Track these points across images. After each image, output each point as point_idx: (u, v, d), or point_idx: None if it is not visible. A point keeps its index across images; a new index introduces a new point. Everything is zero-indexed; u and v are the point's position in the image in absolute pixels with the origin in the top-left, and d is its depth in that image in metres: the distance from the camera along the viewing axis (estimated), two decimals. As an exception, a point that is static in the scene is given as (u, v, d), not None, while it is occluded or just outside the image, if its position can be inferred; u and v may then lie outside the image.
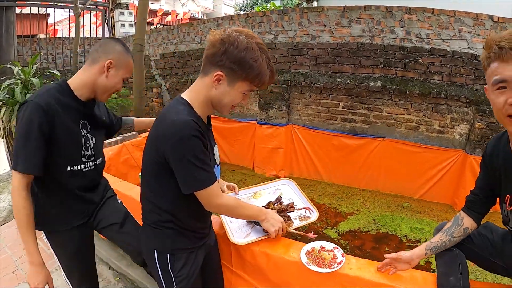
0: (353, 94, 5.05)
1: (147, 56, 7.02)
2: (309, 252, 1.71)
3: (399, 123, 4.94)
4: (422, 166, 4.78)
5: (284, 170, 5.48)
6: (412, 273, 1.67)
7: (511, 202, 1.30)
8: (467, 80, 4.62)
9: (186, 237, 1.50)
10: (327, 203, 4.64)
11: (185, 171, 1.29)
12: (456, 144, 4.74)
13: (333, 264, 1.63)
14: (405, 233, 3.99)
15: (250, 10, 16.37)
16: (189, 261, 1.53)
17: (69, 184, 1.63)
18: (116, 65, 1.61)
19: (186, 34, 6.55)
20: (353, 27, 5.02)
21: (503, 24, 4.44)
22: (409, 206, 4.62)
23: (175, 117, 1.27)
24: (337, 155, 5.18)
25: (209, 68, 1.30)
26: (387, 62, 4.91)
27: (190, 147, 1.25)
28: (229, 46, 1.24)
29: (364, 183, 5.14)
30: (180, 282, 1.51)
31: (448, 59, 4.65)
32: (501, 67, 1.07)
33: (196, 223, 1.52)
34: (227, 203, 1.47)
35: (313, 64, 5.29)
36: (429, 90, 4.67)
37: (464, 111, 4.64)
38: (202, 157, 1.29)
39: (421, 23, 4.73)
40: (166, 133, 1.27)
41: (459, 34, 4.60)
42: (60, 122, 1.50)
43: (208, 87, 1.32)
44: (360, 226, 4.09)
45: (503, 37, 1.06)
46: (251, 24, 5.71)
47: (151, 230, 1.50)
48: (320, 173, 5.38)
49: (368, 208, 4.56)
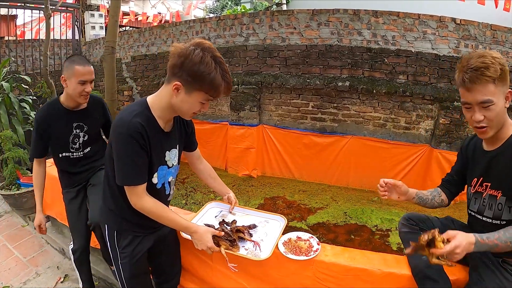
0: (322, 94, 5.18)
1: (118, 58, 6.93)
2: (286, 242, 1.79)
3: (367, 121, 5.10)
4: (390, 161, 4.96)
5: (256, 170, 5.53)
6: (385, 256, 1.78)
7: (481, 183, 1.51)
8: (431, 79, 4.84)
9: (129, 223, 1.65)
10: (297, 200, 4.72)
11: (118, 164, 1.46)
12: (422, 139, 4.94)
13: (309, 252, 1.71)
14: (376, 223, 4.12)
15: (220, 13, 16.40)
16: (134, 242, 1.68)
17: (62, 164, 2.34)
18: (68, 77, 2.10)
19: (157, 37, 6.53)
20: (322, 30, 5.16)
21: (465, 26, 4.69)
22: (378, 200, 4.76)
23: (124, 116, 1.43)
24: (308, 153, 5.29)
25: (170, 77, 1.42)
26: (354, 63, 5.06)
27: (125, 145, 1.41)
28: (185, 59, 1.34)
29: (335, 179, 5.26)
30: (124, 258, 1.68)
31: (413, 59, 4.86)
32: (465, 93, 1.36)
33: (136, 217, 1.60)
34: (149, 208, 1.52)
35: (283, 66, 5.39)
36: (395, 89, 4.85)
37: (428, 108, 4.84)
38: (133, 157, 1.42)
39: (387, 26, 4.92)
40: (113, 127, 1.46)
41: (423, 36, 4.82)
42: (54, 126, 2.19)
43: (170, 94, 1.43)
44: (329, 219, 4.18)
45: (468, 68, 1.31)
46: (223, 27, 5.77)
47: (103, 207, 1.70)
48: (291, 171, 5.47)
49: (337, 203, 4.67)
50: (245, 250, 1.73)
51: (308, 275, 1.73)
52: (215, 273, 1.98)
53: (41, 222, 2.32)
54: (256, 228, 1.92)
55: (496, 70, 1.28)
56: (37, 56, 7.60)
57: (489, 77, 1.28)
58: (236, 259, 1.70)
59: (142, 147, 1.43)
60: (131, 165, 1.43)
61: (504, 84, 1.33)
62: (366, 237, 3.86)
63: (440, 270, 1.56)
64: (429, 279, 1.52)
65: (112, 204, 1.63)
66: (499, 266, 1.44)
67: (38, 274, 2.83)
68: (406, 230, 1.75)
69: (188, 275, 2.13)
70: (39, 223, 2.31)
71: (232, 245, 1.68)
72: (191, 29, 6.11)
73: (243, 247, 1.74)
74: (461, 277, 1.61)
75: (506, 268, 1.43)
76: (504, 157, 1.39)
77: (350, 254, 1.76)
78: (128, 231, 1.67)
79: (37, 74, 7.26)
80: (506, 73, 1.32)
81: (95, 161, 2.42)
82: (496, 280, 1.41)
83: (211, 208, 2.16)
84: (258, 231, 1.90)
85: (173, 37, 6.32)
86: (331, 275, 1.69)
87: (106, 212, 1.68)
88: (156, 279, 2.01)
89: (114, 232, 1.67)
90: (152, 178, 1.57)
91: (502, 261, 1.44)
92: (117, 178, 1.48)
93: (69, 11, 8.16)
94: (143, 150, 1.44)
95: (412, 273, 1.60)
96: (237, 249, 1.70)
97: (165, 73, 5.25)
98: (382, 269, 1.64)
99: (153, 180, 1.58)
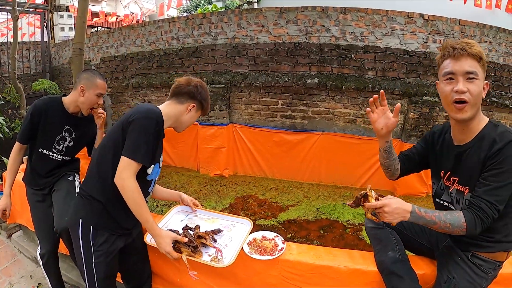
0: (291, 91, 5.18)
1: (87, 60, 6.81)
2: (251, 242, 1.78)
3: (337, 117, 5.12)
4: (361, 156, 4.98)
5: (228, 169, 5.49)
6: (351, 253, 1.78)
7: (449, 177, 1.49)
8: (399, 74, 4.89)
9: (109, 220, 1.68)
10: (268, 198, 4.70)
11: (134, 137, 1.55)
12: (392, 134, 4.94)
13: (274, 251, 1.71)
14: (348, 218, 4.14)
15: (193, 12, 16.27)
16: (109, 240, 1.69)
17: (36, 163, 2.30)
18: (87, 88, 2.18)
19: (126, 37, 6.42)
20: (290, 27, 5.15)
21: (433, 21, 4.76)
22: (350, 195, 4.78)
23: (151, 107, 1.64)
24: (279, 151, 5.27)
25: (186, 99, 1.79)
26: (323, 60, 5.07)
27: (150, 126, 1.57)
28: (200, 88, 1.81)
29: (307, 176, 5.26)
30: (99, 256, 1.67)
31: (381, 55, 4.90)
32: (452, 62, 1.33)
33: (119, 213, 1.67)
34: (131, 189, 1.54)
35: (252, 64, 5.36)
36: (364, 85, 4.88)
37: (398, 103, 4.86)
38: (151, 139, 1.58)
39: (355, 22, 4.95)
40: (140, 110, 1.60)
41: (392, 32, 4.86)
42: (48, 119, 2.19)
43: (181, 112, 1.79)
44: (300, 216, 4.18)
45: (457, 42, 1.33)
46: (191, 26, 5.70)
47: (82, 200, 1.70)
48: (263, 169, 5.45)
49: (309, 199, 4.68)
50: (208, 256, 1.71)
51: (273, 275, 1.73)
52: (183, 275, 1.97)
53: (6, 206, 2.25)
54: (221, 232, 1.92)
55: (481, 51, 1.31)
56: (5, 59, 7.37)
57: (476, 53, 1.30)
58: (200, 264, 1.69)
59: (160, 138, 1.67)
60: (147, 144, 1.57)
61: (484, 71, 1.35)
62: (338, 232, 3.87)
63: (407, 266, 1.55)
64: (394, 275, 1.51)
65: (101, 195, 1.66)
66: (468, 261, 1.43)
67: (12, 284, 2.79)
68: (371, 225, 1.74)
69: (158, 279, 2.14)
70: (4, 207, 2.24)
71: (194, 251, 1.66)
72: (160, 29, 6.02)
73: (206, 253, 1.72)
74: (428, 272, 1.62)
75: (475, 263, 1.42)
76: (472, 154, 1.37)
77: (316, 252, 1.76)
78: (105, 228, 1.68)
79: (5, 78, 7.06)
80: (485, 63, 1.35)
81: (66, 172, 2.41)
82: (467, 277, 1.41)
83: (177, 212, 2.13)
84: (223, 236, 1.89)
85: (142, 37, 6.21)
86: (297, 274, 1.70)
87: (85, 206, 1.68)
88: (127, 284, 2.03)
89: (90, 227, 1.66)
90: (148, 169, 1.69)
91: (471, 256, 1.44)
92: (126, 149, 1.55)
93: (37, 13, 7.97)
94: (159, 140, 1.68)
95: (378, 269, 1.60)
96: (200, 255, 1.68)
97: (135, 74, 5.20)
98: (348, 266, 1.65)
99: (148, 171, 1.70)
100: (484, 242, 1.40)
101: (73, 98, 2.24)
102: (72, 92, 2.26)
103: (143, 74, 6.21)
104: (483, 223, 1.28)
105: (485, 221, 1.28)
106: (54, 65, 7.99)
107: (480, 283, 1.41)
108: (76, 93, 2.21)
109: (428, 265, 1.66)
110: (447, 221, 1.29)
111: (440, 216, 1.30)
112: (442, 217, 1.30)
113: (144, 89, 6.07)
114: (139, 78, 6.17)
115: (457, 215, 1.31)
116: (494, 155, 1.28)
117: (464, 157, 1.41)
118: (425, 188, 4.83)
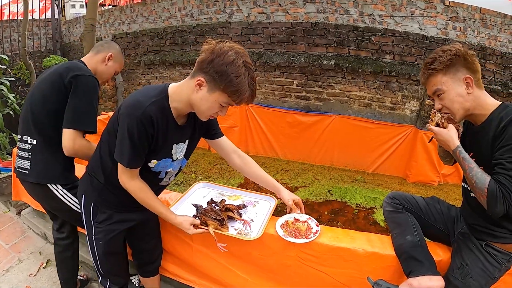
0: (306, 72, 5.07)
1: (99, 37, 6.71)
2: (284, 225, 1.72)
3: (352, 100, 5.02)
4: (375, 141, 4.90)
5: (240, 148, 5.38)
6: (368, 236, 1.73)
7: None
8: (417, 59, 4.78)
9: (111, 198, 1.60)
10: (280, 179, 4.62)
11: (120, 141, 1.40)
12: (407, 120, 4.89)
13: (309, 234, 1.65)
14: (359, 202, 4.07)
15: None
16: (111, 219, 1.62)
17: None
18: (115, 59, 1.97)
19: (139, 14, 6.33)
20: (307, 7, 5.04)
21: (454, 8, 4.64)
22: (361, 179, 4.70)
23: (141, 99, 1.37)
24: (292, 132, 5.19)
25: (196, 72, 1.36)
26: (340, 41, 4.96)
27: (133, 127, 1.34)
28: (216, 56, 1.28)
29: (319, 159, 5.19)
30: (99, 233, 1.64)
31: (399, 39, 4.78)
32: (425, 88, 1.51)
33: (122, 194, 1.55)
34: (134, 191, 1.51)
35: (268, 43, 5.26)
36: (381, 69, 4.77)
37: (414, 89, 4.78)
38: (137, 141, 1.36)
39: (375, 5, 4.83)
40: (127, 105, 1.38)
41: (411, 16, 4.74)
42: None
43: (191, 89, 1.37)
44: (309, 197, 4.12)
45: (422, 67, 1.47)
46: (206, 3, 5.60)
47: (87, 176, 1.64)
48: (275, 150, 5.38)
49: (320, 181, 4.60)
50: (234, 230, 1.69)
51: (290, 255, 1.70)
52: (195, 254, 1.98)
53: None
54: (246, 208, 1.89)
55: (442, 61, 1.38)
56: (15, 37, 7.30)
57: (434, 69, 1.39)
58: (223, 239, 1.66)
59: (148, 136, 1.38)
60: (132, 148, 1.38)
61: (458, 70, 1.38)
62: (349, 215, 3.81)
63: (425, 250, 1.53)
64: (413, 260, 1.49)
65: (101, 176, 1.57)
66: (482, 249, 1.43)
67: (21, 261, 2.75)
68: (390, 209, 1.71)
69: (169, 257, 2.13)
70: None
71: (221, 224, 1.64)
72: (173, 6, 5.93)
73: (232, 227, 1.70)
74: (445, 259, 1.59)
75: (489, 252, 1.41)
76: (484, 133, 1.38)
77: (333, 234, 1.71)
78: (107, 206, 1.62)
79: (15, 56, 7.01)
80: (461, 59, 1.38)
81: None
82: (480, 265, 1.41)
83: (199, 188, 2.12)
84: (248, 211, 1.86)
85: (155, 14, 6.13)
86: (314, 255, 1.66)
87: (87, 182, 1.63)
88: (138, 261, 2.00)
89: (91, 204, 1.61)
90: (149, 163, 1.50)
91: (485, 245, 1.43)
92: (117, 153, 1.44)
93: (48, -11, 7.90)
94: (148, 138, 1.39)
95: (396, 253, 1.57)
96: (226, 228, 1.65)
97: (147, 51, 5.14)
98: (366, 249, 1.61)
99: (150, 165, 1.51)
100: (498, 232, 1.39)
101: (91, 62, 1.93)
102: (91, 56, 1.96)
103: (155, 51, 6.13)
104: (505, 199, 1.24)
105: (507, 196, 1.23)
106: (64, 42, 7.93)
107: (492, 273, 1.41)
108: (98, 58, 1.94)
109: (445, 251, 1.63)
110: (474, 177, 1.30)
111: (472, 169, 1.32)
112: (473, 171, 1.31)
113: (156, 66, 5.99)
114: (152, 55, 6.10)
115: (485, 177, 1.28)
116: (500, 133, 1.29)
117: (478, 137, 1.43)
118: (437, 177, 4.76)
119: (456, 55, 1.37)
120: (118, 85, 6.64)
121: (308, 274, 1.70)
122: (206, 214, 1.66)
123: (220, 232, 1.61)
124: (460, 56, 1.38)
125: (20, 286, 2.48)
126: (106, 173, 1.55)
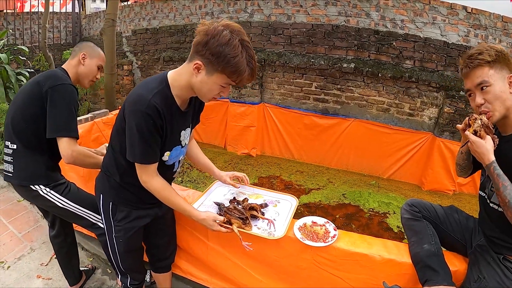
0: (326, 74, 5.05)
1: (119, 32, 6.78)
2: (302, 228, 1.73)
3: (371, 105, 4.99)
4: (391, 146, 4.86)
5: (255, 149, 5.43)
6: (385, 242, 1.72)
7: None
8: (438, 66, 4.72)
9: (129, 196, 1.61)
10: (294, 181, 4.64)
11: (130, 139, 1.40)
12: (425, 127, 4.85)
13: (327, 238, 1.66)
14: (373, 207, 4.05)
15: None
16: (130, 216, 1.64)
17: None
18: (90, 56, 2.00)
19: (159, 10, 6.37)
20: (329, 9, 5.01)
21: (476, 15, 4.57)
22: (376, 184, 4.68)
23: (143, 93, 1.35)
24: (308, 134, 5.18)
25: (193, 55, 1.34)
26: (361, 45, 4.93)
27: (141, 122, 1.33)
28: (211, 38, 1.25)
29: (334, 162, 5.18)
30: (119, 231, 1.66)
31: (420, 45, 4.73)
32: (465, 80, 1.44)
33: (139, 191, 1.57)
34: (157, 189, 1.51)
35: (288, 44, 5.25)
36: (401, 74, 4.73)
37: (434, 96, 4.74)
38: (146, 135, 1.36)
39: (396, 9, 4.78)
40: (130, 102, 1.37)
41: (433, 22, 4.69)
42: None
43: (190, 73, 1.36)
44: (322, 200, 4.11)
45: (465, 57, 1.41)
46: (227, 2, 5.61)
47: (103, 176, 1.65)
48: (291, 151, 5.38)
49: (334, 185, 4.60)
50: (257, 228, 1.70)
51: (306, 258, 1.71)
52: (210, 252, 1.99)
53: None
54: (267, 207, 1.90)
55: (491, 54, 1.35)
56: (35, 29, 7.41)
57: (481, 59, 1.35)
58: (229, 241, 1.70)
59: (158, 128, 1.38)
60: (145, 144, 1.38)
61: (503, 68, 1.36)
62: (363, 220, 3.81)
63: (442, 260, 1.52)
64: (430, 269, 1.49)
65: (116, 174, 1.57)
66: (500, 263, 1.41)
67: (33, 250, 2.79)
68: (408, 216, 1.71)
69: (183, 254, 2.14)
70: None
71: (244, 223, 1.65)
72: (194, 3, 5.95)
73: (255, 226, 1.72)
74: (461, 269, 1.58)
75: (507, 266, 1.39)
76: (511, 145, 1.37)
77: (350, 239, 1.72)
78: (125, 204, 1.63)
79: (35, 47, 7.10)
80: (505, 58, 1.36)
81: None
82: (497, 278, 1.39)
83: (219, 186, 2.12)
84: (269, 211, 1.88)
85: (176, 11, 6.15)
86: (330, 259, 1.67)
87: (104, 181, 1.64)
88: (151, 257, 2.01)
89: (110, 203, 1.63)
90: (163, 156, 1.51)
91: (503, 259, 1.41)
92: (129, 154, 1.43)
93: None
94: (158, 130, 1.39)
95: (413, 262, 1.57)
96: (250, 227, 1.67)
97: (166, 48, 5.15)
98: (383, 255, 1.60)
99: (164, 158, 1.52)
100: None
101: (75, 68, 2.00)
102: (68, 62, 2.01)
103: (175, 48, 6.16)
104: None
105: None
106: (84, 36, 8.01)
107: (510, 287, 1.37)
108: (74, 62, 2.00)
109: (461, 262, 1.61)
110: (507, 196, 1.25)
111: (506, 187, 1.26)
112: (507, 189, 1.26)
113: (175, 62, 6.01)
114: (171, 52, 6.12)
115: None
116: None
117: (505, 148, 1.39)
118: (453, 186, 4.70)
119: (501, 52, 1.36)
120: (136, 80, 6.69)
121: (322, 277, 1.70)
122: (229, 212, 1.67)
123: (243, 231, 1.62)
124: (506, 55, 1.36)
125: (31, 274, 2.52)
126: (121, 172, 1.56)
